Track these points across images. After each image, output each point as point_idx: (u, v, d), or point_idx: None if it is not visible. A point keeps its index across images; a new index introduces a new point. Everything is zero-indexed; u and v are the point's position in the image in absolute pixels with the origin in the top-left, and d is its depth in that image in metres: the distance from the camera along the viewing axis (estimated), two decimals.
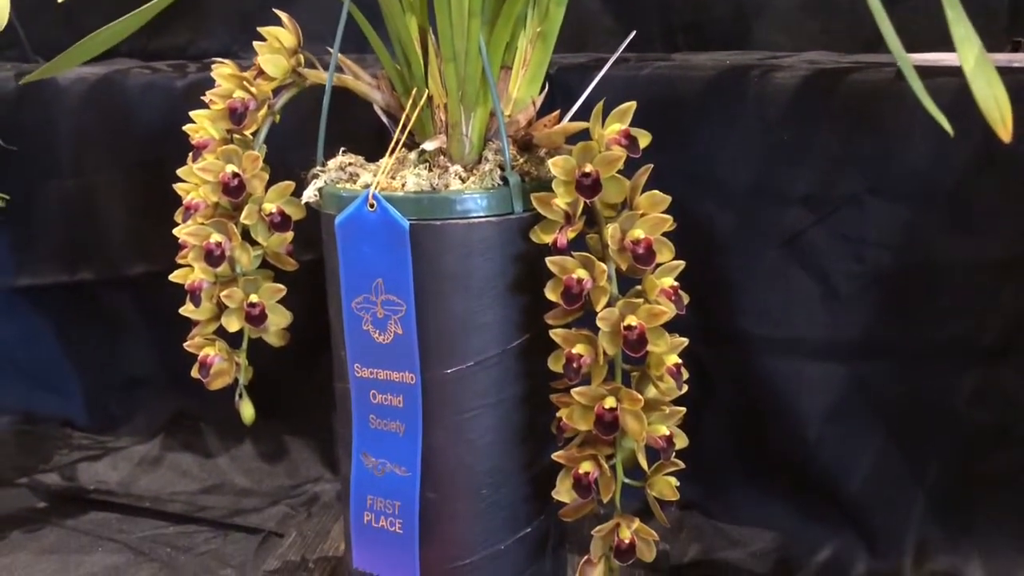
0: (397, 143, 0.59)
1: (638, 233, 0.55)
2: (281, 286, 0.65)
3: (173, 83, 0.89)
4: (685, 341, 0.57)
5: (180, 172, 0.64)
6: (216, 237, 0.62)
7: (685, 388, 0.58)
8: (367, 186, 0.59)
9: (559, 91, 0.74)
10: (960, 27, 0.37)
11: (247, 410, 0.69)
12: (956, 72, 0.64)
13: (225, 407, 0.74)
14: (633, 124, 0.61)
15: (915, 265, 0.68)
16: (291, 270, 0.66)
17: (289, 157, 0.69)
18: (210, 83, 0.90)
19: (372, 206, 0.57)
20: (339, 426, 0.66)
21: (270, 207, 0.62)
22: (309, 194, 0.61)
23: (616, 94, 0.68)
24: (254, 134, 0.64)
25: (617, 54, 0.65)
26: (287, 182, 0.64)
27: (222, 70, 0.62)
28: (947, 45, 0.71)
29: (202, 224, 0.62)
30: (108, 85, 0.91)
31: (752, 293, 0.72)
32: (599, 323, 0.55)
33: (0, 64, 1.12)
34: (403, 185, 0.59)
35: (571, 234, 0.56)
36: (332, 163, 0.63)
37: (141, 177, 0.91)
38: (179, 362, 0.99)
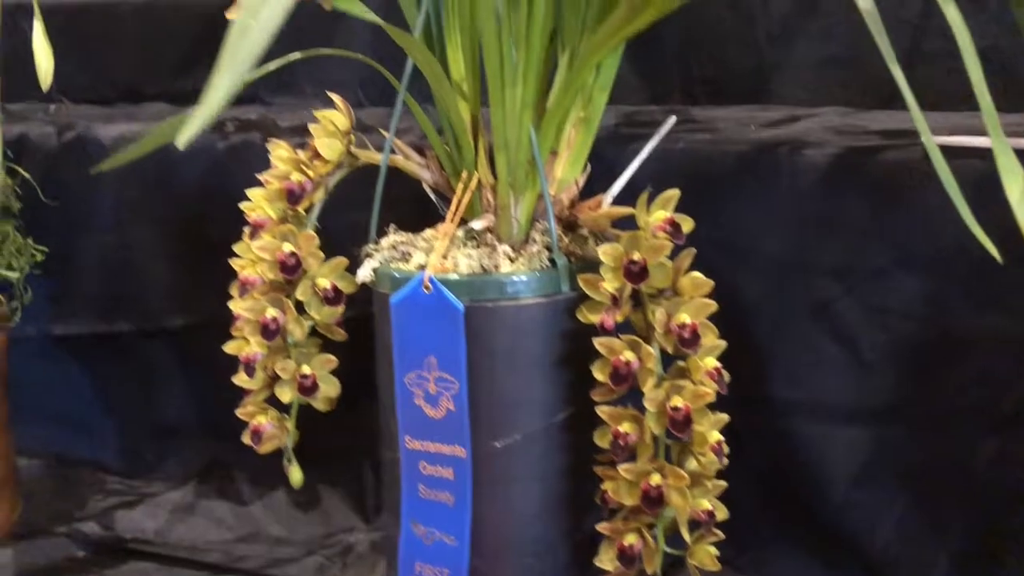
0: (450, 223, 0.62)
1: (684, 318, 0.57)
2: (332, 357, 0.67)
3: (215, 144, 0.91)
4: (726, 418, 0.60)
5: (236, 248, 0.67)
6: (272, 312, 0.64)
7: (726, 462, 0.60)
8: (421, 266, 0.62)
9: (596, 161, 0.76)
10: (1005, 158, 0.40)
11: (296, 474, 0.71)
12: (981, 154, 0.68)
13: (257, 455, 0.76)
14: None
15: (939, 336, 0.71)
16: (340, 340, 0.69)
17: (331, 222, 0.72)
18: (250, 145, 0.93)
19: (428, 288, 0.59)
20: (386, 492, 0.68)
21: (324, 283, 0.65)
22: (364, 274, 0.63)
23: (652, 167, 0.71)
24: (307, 209, 0.66)
25: (655, 141, 0.67)
26: (341, 258, 0.66)
27: (279, 152, 0.65)
28: (964, 99, 0.74)
29: (258, 299, 0.64)
30: None
31: (781, 359, 0.75)
32: (646, 404, 0.57)
33: (30, 108, 1.15)
34: (455, 265, 0.61)
35: (619, 318, 0.58)
36: (384, 242, 0.65)
37: (181, 233, 0.93)
38: (212, 410, 1.02)
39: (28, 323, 1.00)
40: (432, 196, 0.69)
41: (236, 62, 0.39)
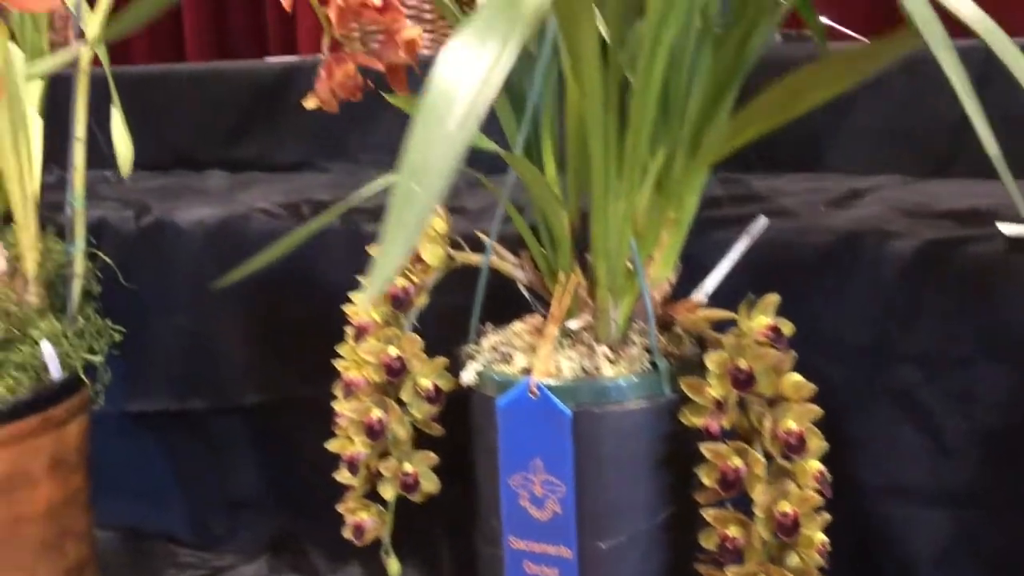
0: (551, 325, 0.64)
1: (790, 424, 0.59)
2: (432, 454, 0.69)
3: (294, 229, 0.93)
4: (829, 518, 0.61)
5: (340, 350, 0.69)
6: (376, 413, 0.66)
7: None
8: (524, 370, 0.63)
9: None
10: None
11: (393, 566, 0.73)
12: None
13: (329, 527, 0.78)
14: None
15: (1022, 423, 0.72)
16: (436, 435, 0.70)
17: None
18: (329, 228, 0.95)
19: (534, 394, 0.61)
20: None
21: (426, 384, 0.67)
22: (468, 377, 0.65)
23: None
24: None
25: (745, 244, 0.69)
26: (442, 359, 0.67)
27: None
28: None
29: (363, 400, 0.66)
30: (227, 230, 0.95)
31: (864, 444, 0.76)
32: (756, 511, 0.59)
33: (92, 177, 1.17)
34: (557, 368, 0.63)
35: (726, 424, 0.60)
36: (485, 343, 0.67)
37: (258, 316, 0.95)
38: (285, 483, 1.04)
39: (104, 400, 1.03)
40: (526, 295, 0.70)
41: (405, 230, 0.40)
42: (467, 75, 0.41)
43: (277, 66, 1.38)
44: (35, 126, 0.94)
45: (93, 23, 0.87)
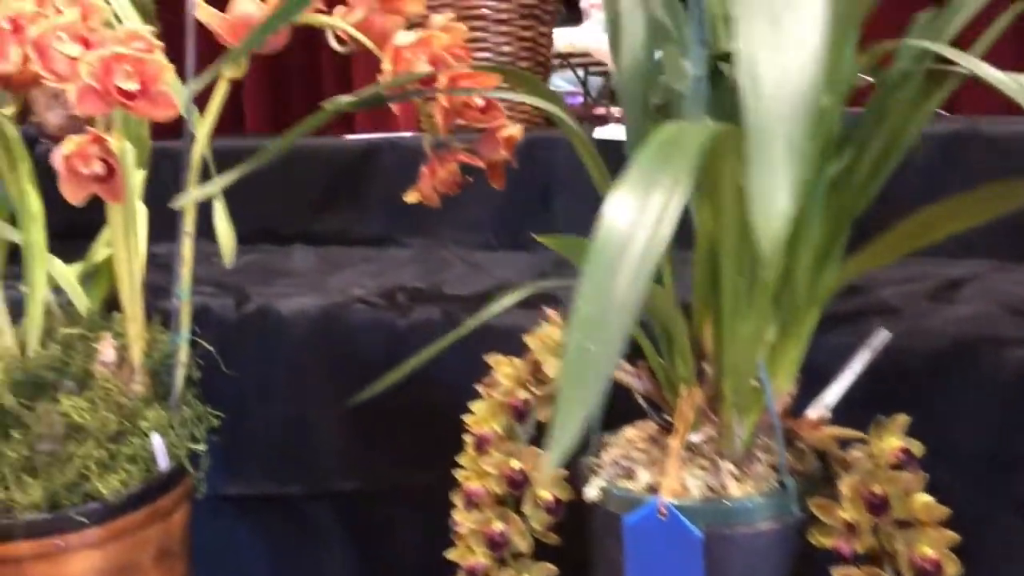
0: (676, 442, 0.64)
1: (927, 551, 0.58)
2: (551, 566, 0.69)
3: (395, 321, 0.94)
4: None
5: (462, 461, 0.69)
6: (498, 525, 0.66)
7: None
8: (650, 487, 0.63)
9: None
10: None
11: None
12: None
13: None
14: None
15: None
16: (553, 544, 0.70)
17: None
18: (431, 322, 0.96)
19: (663, 515, 0.61)
20: None
21: (546, 495, 0.67)
22: (592, 494, 0.65)
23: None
24: None
25: (867, 356, 0.69)
26: (561, 470, 0.68)
27: (504, 369, 0.68)
28: None
29: (484, 512, 0.67)
30: (328, 320, 0.97)
31: (984, 553, 0.75)
32: None
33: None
34: (683, 487, 0.63)
35: (860, 549, 0.59)
36: (606, 457, 0.67)
37: (359, 405, 0.96)
38: (379, 569, 1.04)
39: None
40: (643, 404, 0.71)
41: (582, 393, 0.39)
42: (636, 230, 0.42)
43: (357, 143, 1.42)
44: (142, 217, 0.97)
45: (203, 128, 0.90)
